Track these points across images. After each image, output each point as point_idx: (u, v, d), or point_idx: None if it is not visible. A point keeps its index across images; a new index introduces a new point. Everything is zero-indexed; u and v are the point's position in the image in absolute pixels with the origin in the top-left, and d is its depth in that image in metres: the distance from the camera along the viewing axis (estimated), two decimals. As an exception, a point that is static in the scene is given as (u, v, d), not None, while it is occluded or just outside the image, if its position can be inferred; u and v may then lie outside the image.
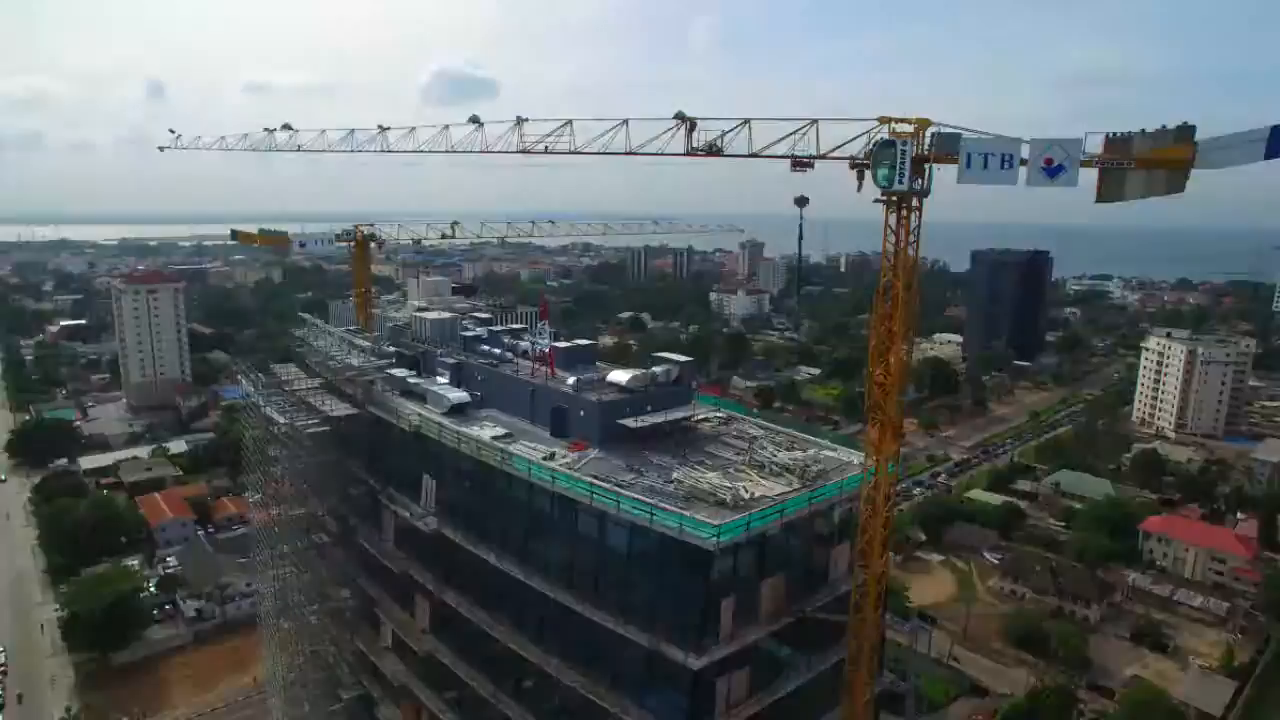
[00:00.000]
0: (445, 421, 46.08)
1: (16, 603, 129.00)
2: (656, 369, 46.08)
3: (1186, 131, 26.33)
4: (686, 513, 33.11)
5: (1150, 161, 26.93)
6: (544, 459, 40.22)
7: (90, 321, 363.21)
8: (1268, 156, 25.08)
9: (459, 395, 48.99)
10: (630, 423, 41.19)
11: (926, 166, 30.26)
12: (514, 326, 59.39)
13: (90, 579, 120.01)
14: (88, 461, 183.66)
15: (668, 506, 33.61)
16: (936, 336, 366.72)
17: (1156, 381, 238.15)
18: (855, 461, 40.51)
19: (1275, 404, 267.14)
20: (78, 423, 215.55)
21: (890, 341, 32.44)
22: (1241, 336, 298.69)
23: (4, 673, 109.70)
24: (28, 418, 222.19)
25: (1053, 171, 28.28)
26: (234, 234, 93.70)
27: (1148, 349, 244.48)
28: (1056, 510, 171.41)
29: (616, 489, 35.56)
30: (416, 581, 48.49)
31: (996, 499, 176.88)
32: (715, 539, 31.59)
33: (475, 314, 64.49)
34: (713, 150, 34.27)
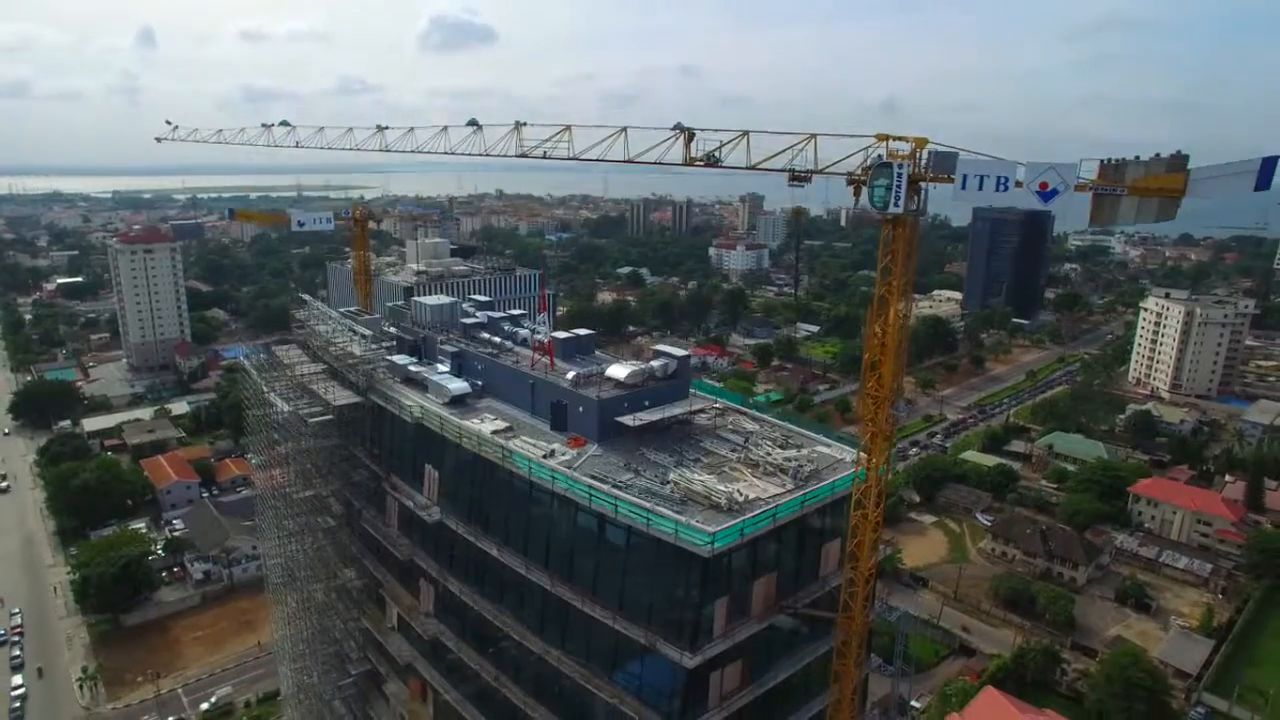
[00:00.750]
0: (446, 414, 46.83)
1: (29, 565, 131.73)
2: (654, 363, 46.70)
3: (1179, 161, 26.52)
4: (682, 517, 34.17)
5: (1142, 189, 27.20)
6: (544, 456, 41.14)
7: (87, 278, 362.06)
8: (1257, 188, 25.40)
9: (459, 386, 49.67)
10: (628, 421, 42.02)
11: (922, 186, 30.44)
12: (514, 313, 59.68)
13: (100, 542, 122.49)
14: (91, 423, 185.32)
15: (664, 511, 34.62)
16: (935, 293, 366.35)
17: (1154, 342, 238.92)
18: (847, 459, 41.48)
19: (1271, 363, 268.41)
20: (79, 383, 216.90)
21: (883, 355, 33.05)
22: (1240, 296, 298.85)
23: (21, 633, 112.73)
24: (29, 379, 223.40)
25: (1047, 196, 28.59)
26: (232, 214, 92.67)
27: (1146, 309, 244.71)
28: (1049, 472, 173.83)
29: (614, 491, 36.54)
30: (420, 567, 49.99)
31: (990, 460, 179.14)
32: (710, 546, 32.75)
33: (474, 297, 64.70)
34: (710, 161, 34.28)
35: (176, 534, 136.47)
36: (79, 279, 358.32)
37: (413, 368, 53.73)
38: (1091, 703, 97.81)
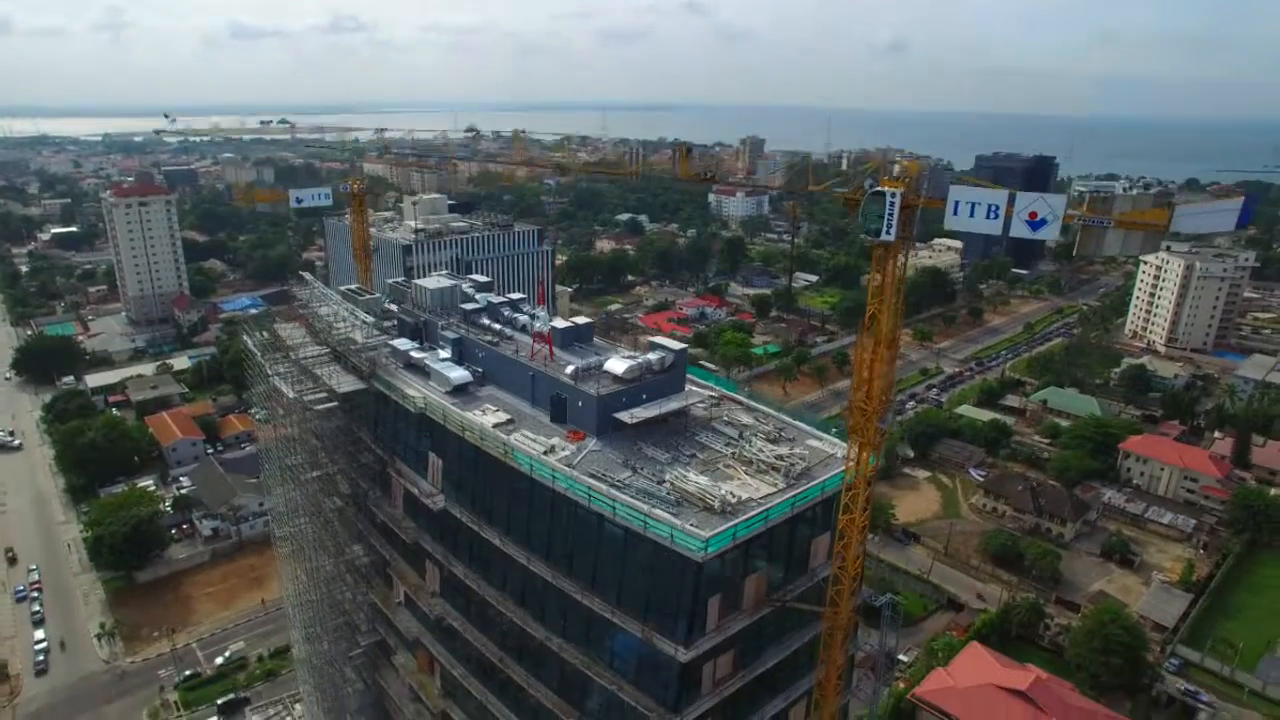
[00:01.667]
0: (449, 405, 47.90)
1: (41, 522, 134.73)
2: (651, 356, 47.54)
3: (1165, 197, 26.95)
4: (677, 521, 35.60)
5: (1128, 223, 27.74)
6: (544, 453, 42.42)
7: (81, 228, 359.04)
8: (1238, 227, 25.92)
9: (461, 375, 50.61)
10: (626, 418, 43.18)
11: (915, 211, 30.83)
12: (513, 297, 60.16)
13: (110, 501, 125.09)
14: (94, 379, 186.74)
15: (660, 514, 36.05)
16: (936, 243, 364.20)
17: (1152, 295, 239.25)
18: (838, 455, 42.76)
19: (1268, 315, 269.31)
20: (79, 337, 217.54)
21: (874, 370, 33.96)
22: (1243, 245, 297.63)
23: (39, 589, 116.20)
24: (29, 333, 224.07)
25: (1036, 225, 29.10)
26: (231, 194, 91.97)
27: (1146, 262, 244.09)
28: (1043, 427, 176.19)
29: (613, 492, 37.91)
30: (426, 550, 51.82)
31: (985, 415, 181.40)
32: (703, 551, 34.30)
33: (473, 278, 65.05)
34: (706, 176, 34.49)
35: (183, 491, 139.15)
36: (73, 229, 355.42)
37: (415, 354, 54.56)
38: (1071, 656, 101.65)
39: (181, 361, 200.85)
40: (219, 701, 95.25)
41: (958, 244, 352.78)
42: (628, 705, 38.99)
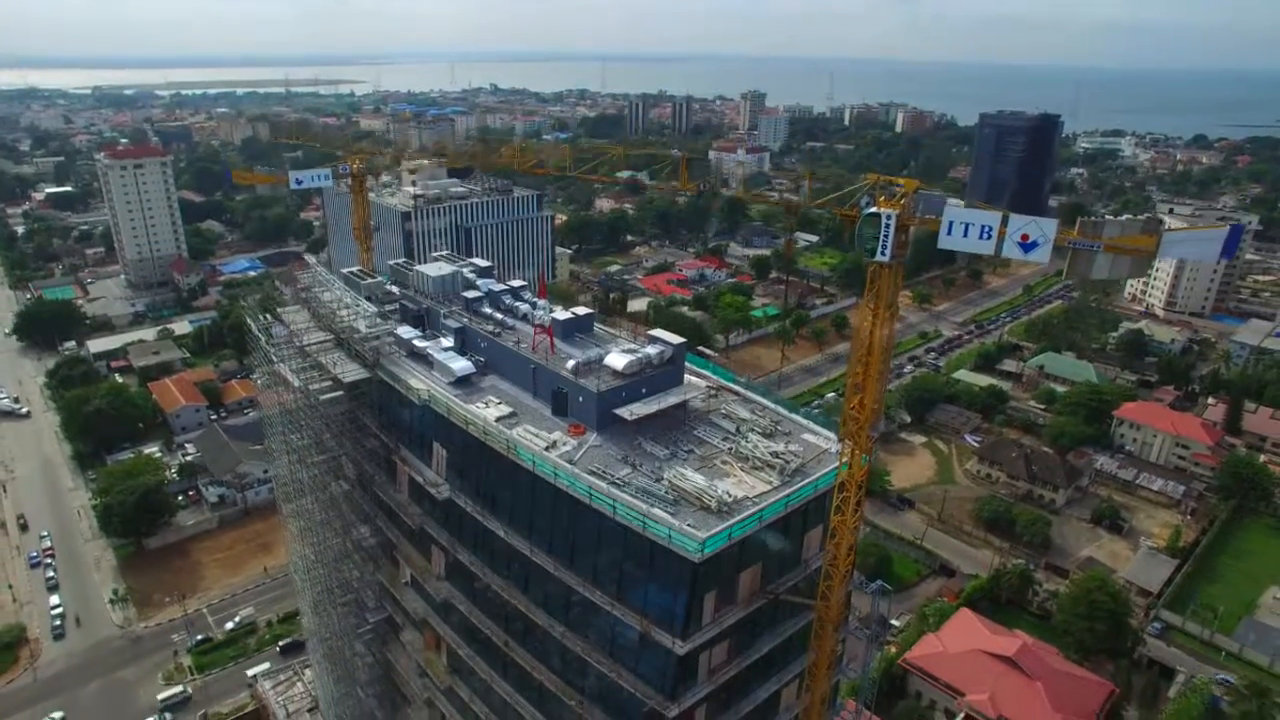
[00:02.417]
0: (453, 396, 48.86)
1: (50, 489, 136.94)
2: (650, 350, 48.29)
3: (1153, 224, 27.56)
4: (675, 521, 36.86)
5: (1117, 248, 28.30)
6: (546, 448, 43.53)
7: (76, 187, 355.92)
8: (1222, 256, 26.55)
9: (464, 366, 51.42)
10: (626, 415, 44.18)
11: (909, 231, 31.28)
12: (513, 284, 60.61)
13: (117, 469, 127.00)
14: (95, 345, 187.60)
15: (659, 515, 37.29)
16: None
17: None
18: (831, 450, 43.91)
19: (1268, 278, 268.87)
20: (79, 301, 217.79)
21: (867, 381, 34.82)
22: (1249, 205, 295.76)
23: (52, 555, 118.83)
24: (28, 296, 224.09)
25: (1028, 247, 29.68)
26: (230, 175, 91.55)
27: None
28: (1039, 392, 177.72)
29: (613, 491, 39.10)
30: (431, 535, 53.33)
31: (982, 380, 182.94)
32: (700, 553, 35.63)
33: (474, 261, 65.39)
34: (705, 188, 34.82)
35: (189, 458, 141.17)
36: (68, 188, 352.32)
37: (418, 342, 55.25)
38: (1058, 622, 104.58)
39: (182, 326, 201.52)
40: (280, 645, 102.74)
41: (959, 202, 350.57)
42: (627, 691, 40.83)
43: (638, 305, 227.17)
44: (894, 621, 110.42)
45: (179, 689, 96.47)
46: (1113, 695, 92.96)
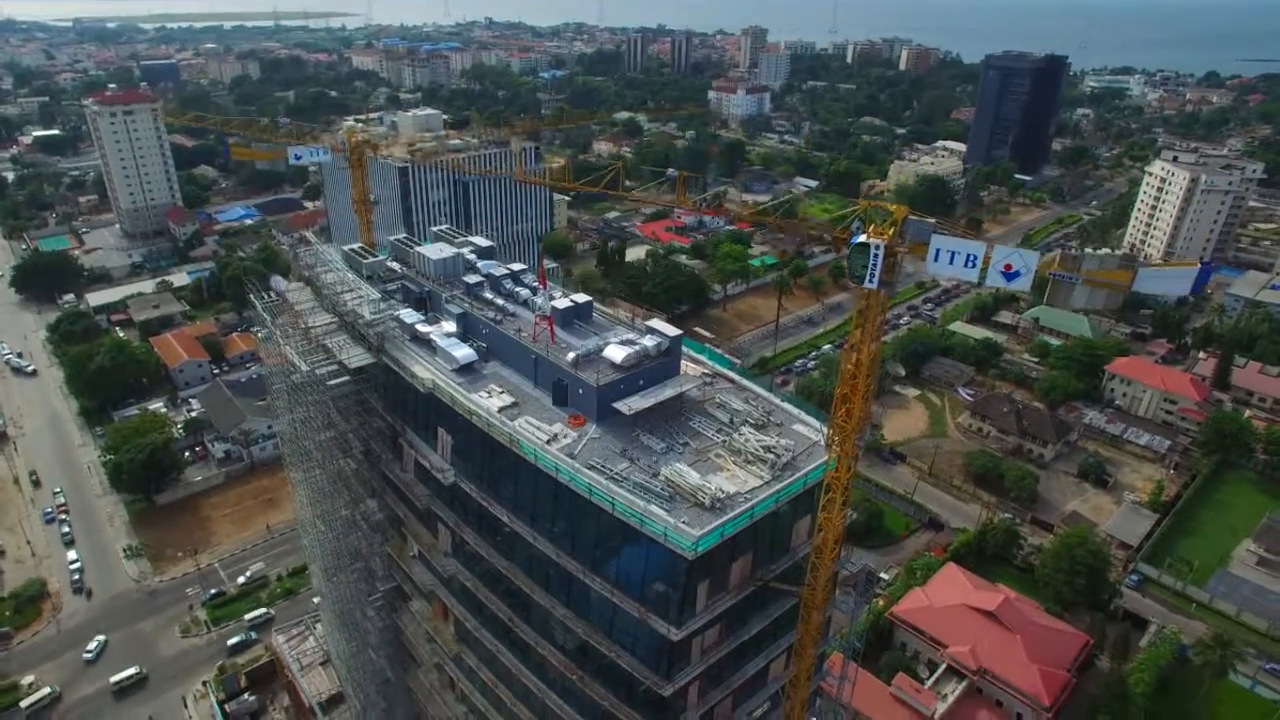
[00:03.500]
0: (456, 385, 50.31)
1: (60, 445, 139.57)
2: (648, 342, 49.55)
3: (1129, 260, 28.64)
4: (670, 519, 38.86)
5: (1094, 281, 29.43)
6: (548, 441, 45.30)
7: (64, 130, 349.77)
8: (1192, 291, 27.73)
9: (466, 354, 52.68)
10: (624, 409, 45.79)
11: (899, 257, 32.24)
12: (514, 267, 61.36)
13: (125, 427, 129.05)
14: (95, 298, 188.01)
15: (656, 512, 39.24)
16: (939, 146, 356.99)
17: (1154, 207, 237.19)
18: (821, 443, 45.69)
19: (1269, 226, 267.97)
20: (75, 252, 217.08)
21: (854, 393, 36.29)
22: (1256, 149, 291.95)
23: (66, 512, 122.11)
24: (24, 247, 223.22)
25: (1010, 277, 30.77)
26: (229, 152, 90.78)
27: (1150, 173, 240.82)
28: (1033, 346, 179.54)
29: (612, 487, 41.02)
30: (437, 515, 55.56)
31: (978, 333, 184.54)
32: (693, 550, 37.75)
33: (474, 241, 65.88)
34: (706, 207, 35.59)
35: (194, 414, 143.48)
36: (56, 132, 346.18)
37: (420, 326, 56.40)
38: (1040, 575, 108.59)
39: (180, 278, 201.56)
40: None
41: (960, 147, 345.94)
42: (625, 671, 43.63)
43: (636, 253, 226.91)
44: (883, 575, 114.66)
45: (262, 610, 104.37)
46: (1088, 646, 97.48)
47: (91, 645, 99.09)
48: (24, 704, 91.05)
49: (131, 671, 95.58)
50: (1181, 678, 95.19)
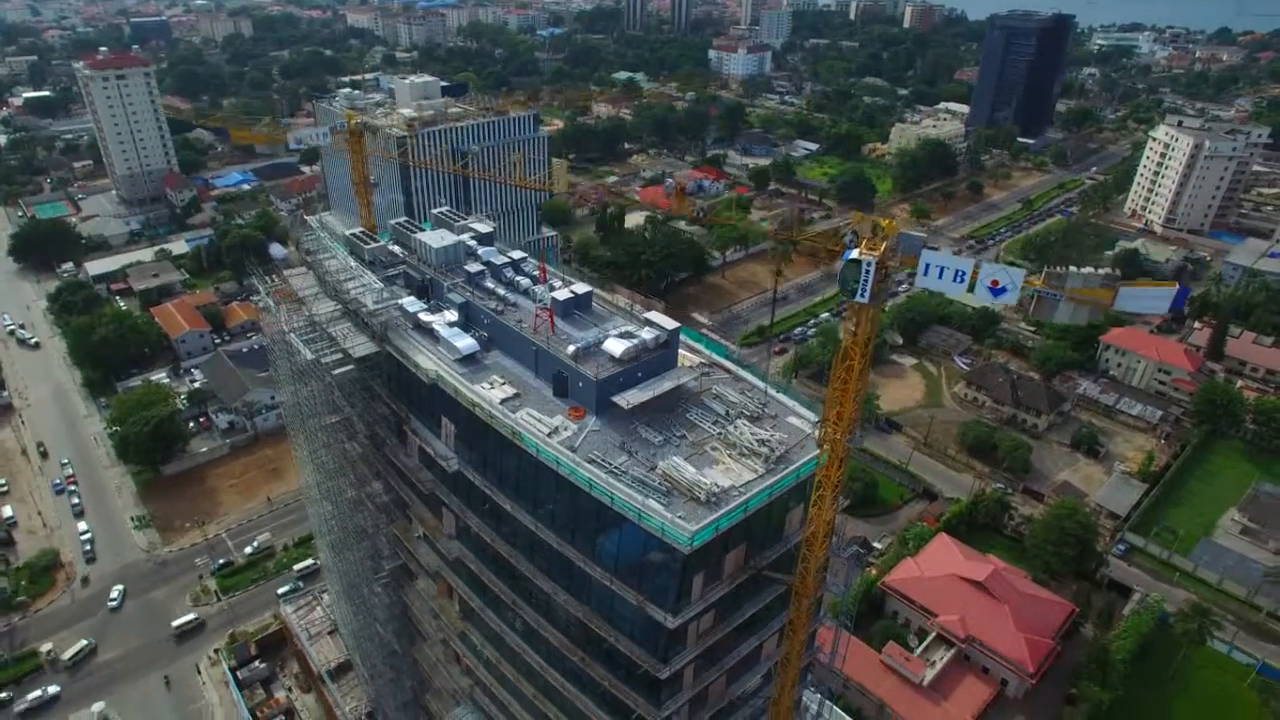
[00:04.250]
0: (459, 377, 51.41)
1: (65, 416, 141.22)
2: (646, 335, 50.55)
3: (1111, 279, 29.60)
4: (667, 514, 40.36)
5: (1077, 299, 30.39)
6: (549, 434, 46.63)
7: (54, 91, 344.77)
8: (1169, 311, 28.71)
9: (469, 344, 53.66)
10: (622, 403, 47.01)
11: (889, 274, 33.03)
12: (514, 255, 61.99)
13: (130, 399, 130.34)
14: (94, 267, 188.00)
15: (654, 507, 40.74)
16: (941, 108, 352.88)
17: (1156, 173, 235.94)
18: (815, 435, 47.01)
19: (1272, 191, 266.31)
20: (72, 219, 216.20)
21: (844, 400, 37.43)
22: (1257, 120, 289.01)
23: (75, 483, 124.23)
24: (20, 214, 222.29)
25: (997, 292, 31.74)
26: (229, 135, 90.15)
27: (1154, 139, 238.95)
28: (1030, 315, 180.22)
29: (611, 481, 42.46)
30: (441, 500, 57.16)
31: (975, 301, 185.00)
32: (689, 545, 39.31)
33: (475, 227, 66.34)
34: (701, 219, 36.35)
35: (196, 384, 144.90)
36: (47, 93, 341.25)
37: (423, 315, 57.32)
38: (1029, 545, 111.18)
39: (179, 246, 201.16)
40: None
41: (963, 109, 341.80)
42: (623, 654, 45.65)
43: (635, 219, 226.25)
44: (876, 544, 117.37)
45: (310, 561, 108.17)
46: (1073, 614, 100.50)
47: (114, 594, 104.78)
48: (65, 655, 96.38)
49: (191, 617, 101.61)
50: (1161, 644, 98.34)
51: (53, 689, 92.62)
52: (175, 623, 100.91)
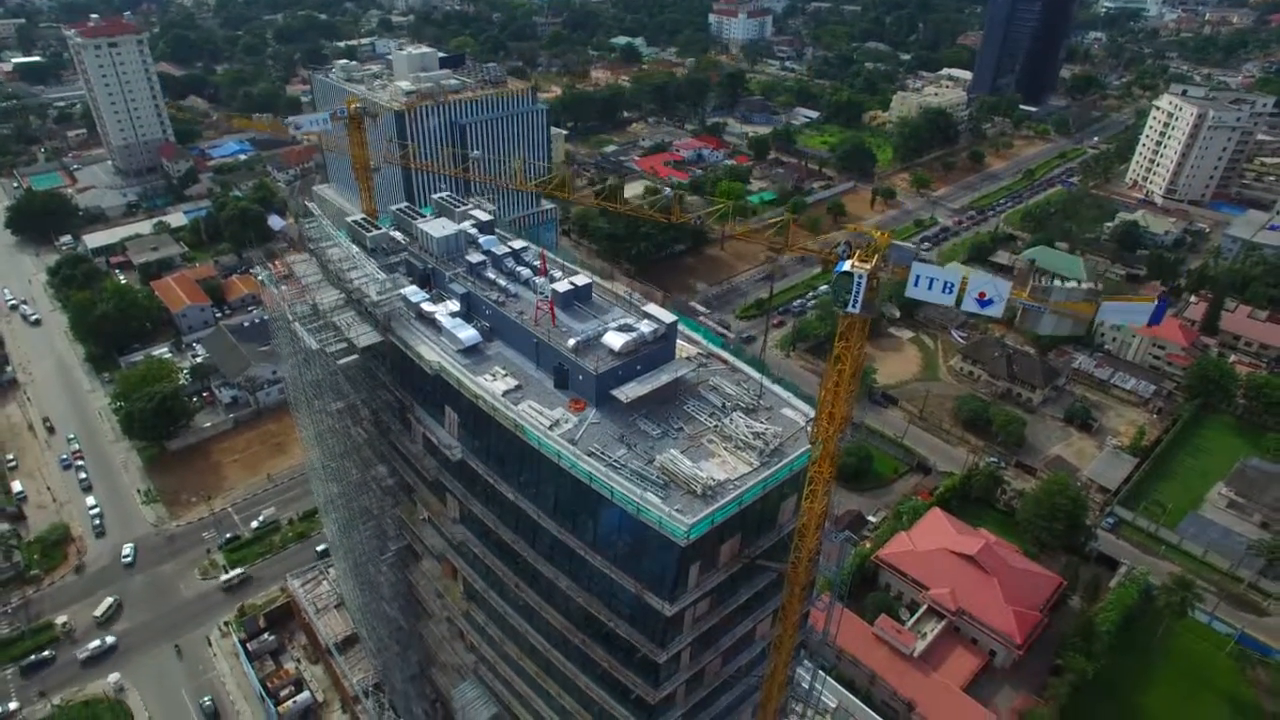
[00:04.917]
0: (462, 368, 52.48)
1: (69, 391, 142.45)
2: (644, 328, 51.51)
3: (1094, 294, 30.58)
4: (665, 507, 41.81)
5: (1060, 311, 31.35)
6: (550, 426, 47.89)
7: (45, 56, 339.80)
8: (1149, 324, 29.75)
9: (471, 335, 54.63)
10: (621, 396, 48.19)
11: (880, 285, 33.85)
12: (514, 246, 62.62)
13: (133, 374, 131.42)
14: (92, 240, 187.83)
15: (652, 500, 42.18)
16: (943, 74, 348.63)
17: (1159, 143, 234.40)
18: (809, 428, 48.31)
19: (1275, 160, 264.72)
20: (68, 190, 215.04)
21: (836, 401, 38.57)
22: (1264, 88, 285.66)
23: (81, 458, 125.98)
24: (15, 185, 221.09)
25: (984, 304, 32.66)
26: (231, 121, 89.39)
27: (1158, 108, 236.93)
28: (1015, 325, 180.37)
29: (610, 474, 43.84)
30: (446, 486, 58.63)
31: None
32: (686, 538, 40.83)
33: (475, 214, 66.78)
34: (699, 223, 37.17)
35: (198, 359, 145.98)
36: (37, 59, 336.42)
37: (425, 306, 58.27)
38: (1020, 519, 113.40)
39: (177, 218, 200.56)
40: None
41: (966, 75, 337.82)
42: (622, 638, 47.53)
43: (634, 190, 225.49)
44: (870, 518, 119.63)
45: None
46: (1060, 587, 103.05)
47: (126, 550, 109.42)
48: (96, 613, 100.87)
49: (239, 571, 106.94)
50: (1145, 616, 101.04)
51: (110, 639, 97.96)
52: (223, 578, 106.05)
